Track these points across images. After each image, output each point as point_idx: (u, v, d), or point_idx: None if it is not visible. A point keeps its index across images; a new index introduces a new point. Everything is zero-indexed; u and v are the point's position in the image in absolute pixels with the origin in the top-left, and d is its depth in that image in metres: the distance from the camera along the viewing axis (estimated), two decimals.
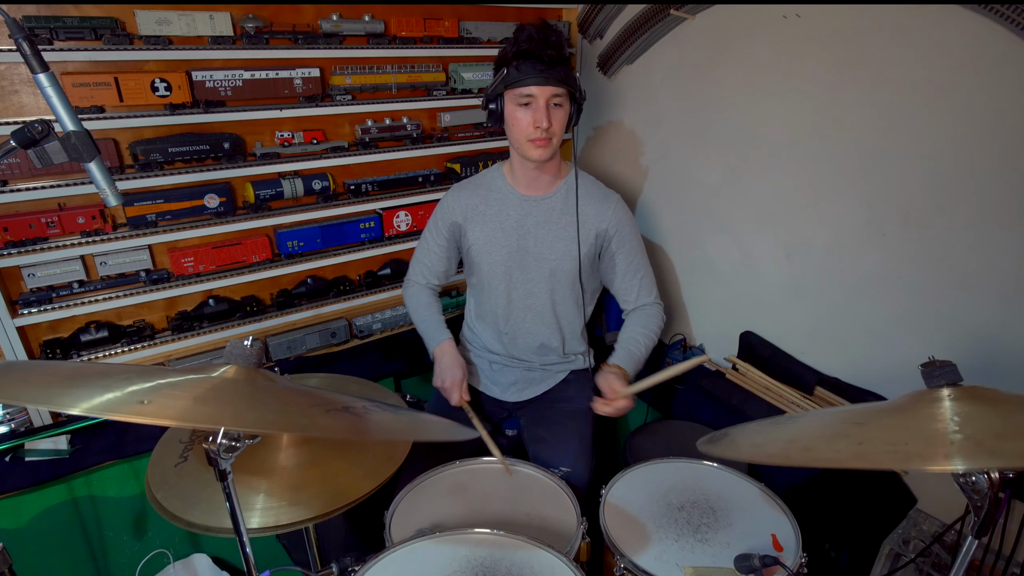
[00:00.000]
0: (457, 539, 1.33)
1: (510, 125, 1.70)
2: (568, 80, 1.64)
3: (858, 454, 0.87)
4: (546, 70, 1.60)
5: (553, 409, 1.93)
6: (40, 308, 1.82)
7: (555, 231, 1.82)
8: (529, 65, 1.60)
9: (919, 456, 0.81)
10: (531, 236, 1.83)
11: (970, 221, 1.55)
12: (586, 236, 1.82)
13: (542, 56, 1.59)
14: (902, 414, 0.94)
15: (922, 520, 1.67)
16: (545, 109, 1.63)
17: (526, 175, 1.81)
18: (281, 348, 2.20)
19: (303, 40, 2.05)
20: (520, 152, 1.73)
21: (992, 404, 0.89)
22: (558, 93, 1.64)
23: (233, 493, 0.97)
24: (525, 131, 1.67)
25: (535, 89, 1.62)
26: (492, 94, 1.68)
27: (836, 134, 1.78)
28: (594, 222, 1.82)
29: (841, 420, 1.00)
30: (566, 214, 1.81)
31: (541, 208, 1.83)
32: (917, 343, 1.69)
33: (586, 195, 1.82)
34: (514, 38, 1.63)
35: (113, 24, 1.77)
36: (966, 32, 1.46)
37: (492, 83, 1.68)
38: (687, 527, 1.42)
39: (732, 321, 2.22)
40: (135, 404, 0.79)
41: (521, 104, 1.65)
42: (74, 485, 1.80)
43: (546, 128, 1.64)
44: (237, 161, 2.03)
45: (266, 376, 1.03)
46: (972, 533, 0.93)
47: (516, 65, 1.61)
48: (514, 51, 1.62)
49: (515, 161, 1.81)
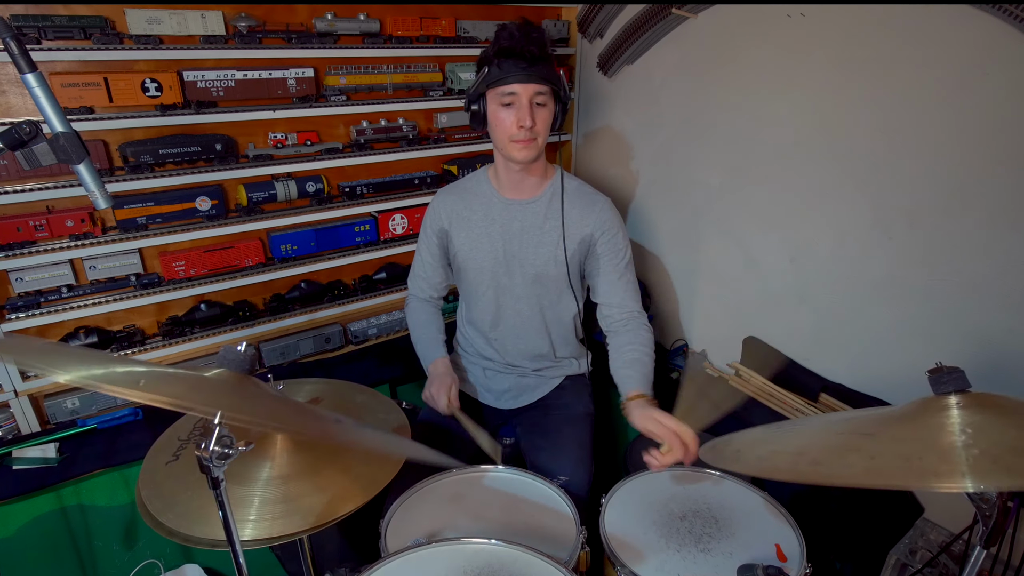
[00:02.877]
0: (454, 549, 1.31)
1: (493, 126, 1.67)
2: (551, 78, 1.61)
3: (871, 469, 0.85)
4: (528, 67, 1.57)
5: (550, 416, 1.91)
6: (28, 313, 1.81)
7: (539, 236, 1.79)
8: (511, 63, 1.58)
9: (934, 474, 0.80)
10: (516, 241, 1.80)
11: (978, 223, 1.53)
12: (570, 240, 1.78)
13: (524, 53, 1.56)
14: (911, 424, 0.92)
15: (929, 529, 1.65)
16: (528, 108, 1.60)
17: (510, 178, 1.77)
18: (275, 354, 2.18)
19: (297, 39, 2.04)
20: (504, 153, 1.70)
21: (1003, 414, 0.87)
22: (541, 91, 1.61)
23: (226, 502, 0.96)
24: (508, 131, 1.63)
25: (517, 87, 1.59)
26: (474, 94, 1.66)
27: (841, 135, 1.77)
28: (579, 227, 1.78)
29: (849, 430, 0.98)
30: (550, 219, 1.78)
31: (526, 213, 1.79)
32: (924, 349, 1.67)
33: (573, 199, 1.78)
34: (495, 37, 1.60)
35: (102, 23, 1.76)
36: (973, 31, 1.44)
37: (474, 83, 1.66)
38: (689, 537, 1.40)
39: (735, 326, 2.20)
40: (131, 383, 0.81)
41: (504, 104, 1.62)
42: (63, 494, 1.77)
43: (530, 127, 1.61)
44: (229, 163, 2.02)
45: (256, 384, 1.03)
46: (980, 543, 0.92)
47: (498, 64, 1.59)
48: (495, 49, 1.59)
49: (499, 164, 1.78)
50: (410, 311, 2.00)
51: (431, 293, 1.98)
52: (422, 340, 1.92)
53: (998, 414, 0.87)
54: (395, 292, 2.47)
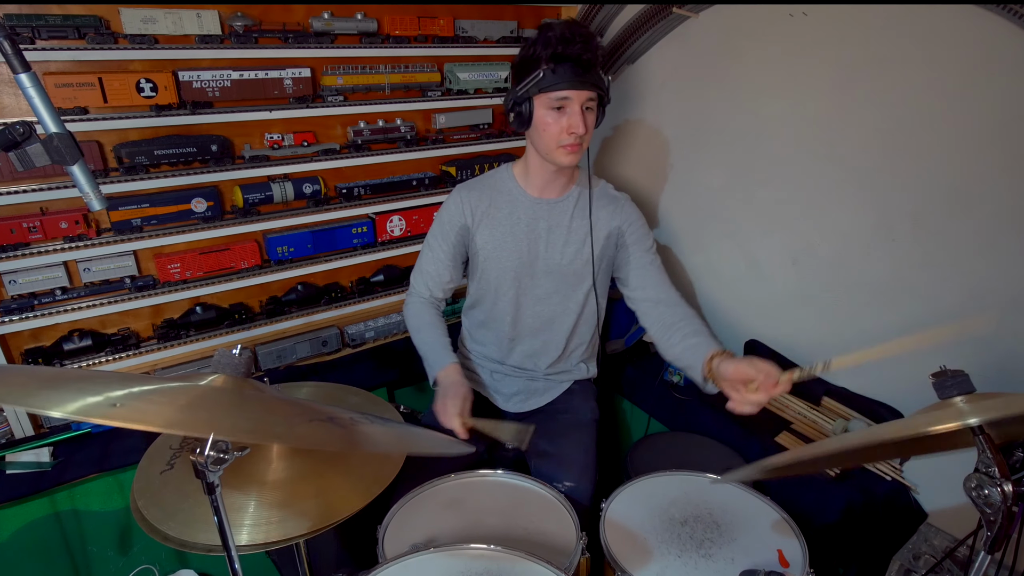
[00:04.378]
0: (452, 554, 1.31)
1: (539, 130, 1.62)
2: (600, 84, 1.59)
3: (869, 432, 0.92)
4: (583, 73, 1.54)
5: (556, 421, 1.89)
6: (21, 316, 1.79)
7: (567, 235, 1.77)
8: (566, 68, 1.53)
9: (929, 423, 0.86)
10: (542, 241, 1.78)
11: (982, 225, 1.52)
12: (598, 239, 1.77)
13: (580, 59, 1.53)
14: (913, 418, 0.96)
15: (933, 535, 1.64)
16: (580, 114, 1.57)
17: (543, 177, 1.74)
18: (271, 357, 2.17)
19: (293, 39, 2.02)
20: (550, 159, 1.66)
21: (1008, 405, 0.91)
22: (592, 97, 1.59)
23: (221, 507, 0.95)
24: (557, 137, 1.60)
25: (571, 93, 1.55)
26: (522, 96, 1.60)
27: (844, 136, 1.76)
28: (606, 223, 1.78)
29: None
30: (577, 217, 1.77)
31: (554, 211, 1.77)
32: (928, 352, 1.64)
33: (599, 197, 1.78)
34: (544, 38, 1.55)
35: (97, 22, 1.75)
36: (979, 31, 1.43)
37: (521, 84, 1.59)
38: (690, 542, 1.39)
39: (737, 328, 2.20)
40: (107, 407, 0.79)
41: (553, 108, 1.58)
42: (57, 499, 1.76)
43: (581, 134, 1.58)
44: (225, 164, 2.00)
45: (254, 385, 1.03)
46: (985, 548, 0.92)
47: (552, 68, 1.54)
48: (549, 53, 1.54)
49: (534, 164, 1.74)
50: (412, 311, 1.91)
51: (435, 293, 1.90)
52: (428, 343, 1.82)
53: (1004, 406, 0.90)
54: (393, 295, 2.45)
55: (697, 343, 1.59)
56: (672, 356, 1.68)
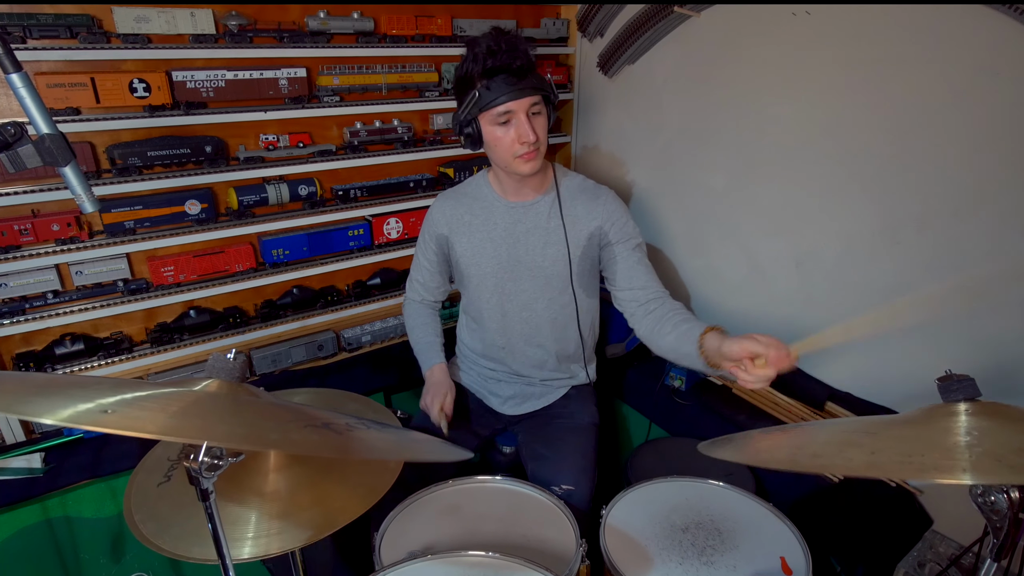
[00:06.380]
0: (450, 561, 1.30)
1: (492, 146, 1.61)
2: (542, 85, 1.56)
3: (870, 463, 0.86)
4: (518, 82, 1.52)
5: (553, 425, 1.87)
6: (12, 320, 1.78)
7: (545, 236, 1.75)
8: (499, 81, 1.51)
9: (936, 468, 0.80)
10: (522, 244, 1.76)
11: (989, 228, 1.51)
12: (577, 238, 1.74)
13: (511, 68, 1.50)
14: (916, 426, 0.93)
15: (938, 542, 1.62)
16: (527, 122, 1.55)
17: (513, 182, 1.73)
18: (266, 361, 2.15)
19: (288, 38, 2.01)
20: (509, 170, 1.65)
21: (1012, 421, 0.87)
22: (535, 102, 1.56)
23: (216, 515, 0.93)
24: (510, 149, 1.58)
25: (512, 104, 1.53)
26: (465, 119, 1.59)
27: (848, 137, 1.74)
28: (585, 222, 1.74)
29: (852, 430, 0.99)
30: (554, 217, 1.74)
31: (530, 214, 1.76)
32: (933, 356, 1.64)
33: (575, 194, 1.75)
34: (472, 55, 1.53)
35: (89, 22, 1.74)
36: (985, 31, 1.42)
37: (461, 108, 1.58)
38: (692, 549, 1.38)
39: (738, 332, 2.15)
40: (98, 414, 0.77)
41: (499, 123, 1.57)
42: (48, 505, 1.75)
43: (533, 141, 1.57)
44: (219, 165, 1.99)
45: (248, 391, 1.01)
46: (991, 556, 0.91)
47: (486, 84, 1.52)
48: (479, 69, 1.52)
49: (500, 172, 1.73)
50: (407, 314, 2.00)
51: (427, 296, 1.96)
52: (419, 342, 1.91)
53: (1007, 421, 0.87)
54: (390, 298, 2.44)
55: (689, 328, 1.54)
56: (666, 347, 1.60)
